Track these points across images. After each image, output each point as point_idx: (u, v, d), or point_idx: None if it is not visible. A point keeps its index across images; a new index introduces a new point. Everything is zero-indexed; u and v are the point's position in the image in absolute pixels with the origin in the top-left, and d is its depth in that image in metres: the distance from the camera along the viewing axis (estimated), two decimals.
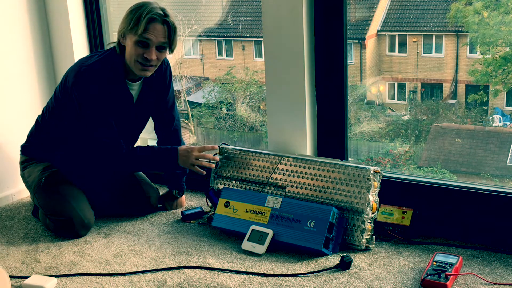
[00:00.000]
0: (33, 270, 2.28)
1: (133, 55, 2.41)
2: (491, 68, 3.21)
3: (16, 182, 3.07)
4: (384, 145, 3.77)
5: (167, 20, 2.40)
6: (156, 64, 2.46)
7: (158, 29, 2.38)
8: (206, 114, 4.59)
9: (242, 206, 2.47)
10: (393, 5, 3.61)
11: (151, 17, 2.36)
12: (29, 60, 3.17)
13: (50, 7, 3.20)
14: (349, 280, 2.09)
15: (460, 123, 3.53)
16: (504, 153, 3.29)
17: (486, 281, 2.03)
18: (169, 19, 2.40)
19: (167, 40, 2.41)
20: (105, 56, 2.50)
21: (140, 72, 2.46)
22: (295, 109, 2.64)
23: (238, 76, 4.42)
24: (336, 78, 2.59)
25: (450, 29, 3.46)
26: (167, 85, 2.68)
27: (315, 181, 2.44)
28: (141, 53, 2.40)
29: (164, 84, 2.66)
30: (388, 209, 2.42)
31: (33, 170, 2.65)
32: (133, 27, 2.37)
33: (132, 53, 2.42)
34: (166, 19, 2.39)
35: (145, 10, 2.37)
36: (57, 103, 2.58)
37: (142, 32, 2.36)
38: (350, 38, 3.53)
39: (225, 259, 2.29)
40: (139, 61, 2.42)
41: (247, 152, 2.64)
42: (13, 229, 2.69)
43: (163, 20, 2.39)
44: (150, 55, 2.40)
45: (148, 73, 2.47)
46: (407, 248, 2.31)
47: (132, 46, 2.40)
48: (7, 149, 3.06)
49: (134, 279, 2.17)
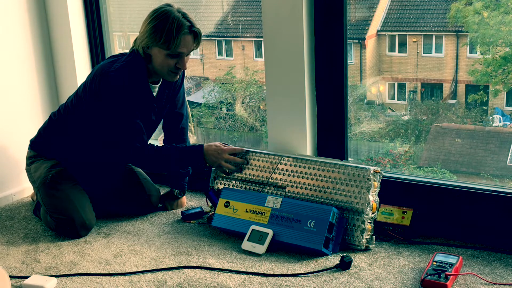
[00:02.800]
0: (33, 270, 2.28)
1: (165, 65, 2.46)
2: (491, 68, 3.21)
3: (17, 182, 3.07)
4: (384, 145, 3.76)
5: (195, 30, 2.43)
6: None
7: (189, 41, 2.44)
8: (206, 114, 4.58)
9: (242, 206, 2.47)
10: (393, 5, 3.60)
11: (184, 32, 2.39)
12: (29, 60, 3.17)
13: (50, 7, 3.20)
14: (349, 280, 2.09)
15: (460, 123, 3.53)
16: (504, 153, 3.28)
17: (486, 281, 2.03)
18: (195, 27, 2.44)
19: (195, 47, 2.48)
20: (130, 61, 2.51)
21: (174, 78, 2.53)
22: (295, 109, 2.64)
23: (238, 76, 4.41)
24: (336, 78, 2.59)
25: (450, 29, 3.46)
26: (179, 84, 2.72)
27: (315, 181, 2.44)
28: (174, 64, 2.45)
29: (177, 83, 2.70)
30: (388, 209, 2.42)
31: (40, 166, 2.66)
32: (164, 43, 2.40)
33: (164, 64, 2.45)
34: (194, 29, 2.43)
35: (173, 24, 2.38)
36: (79, 103, 2.59)
37: (176, 47, 2.40)
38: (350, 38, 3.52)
39: (225, 259, 2.29)
40: (172, 71, 2.48)
41: (247, 152, 2.64)
42: (13, 229, 2.69)
43: (191, 31, 2.43)
44: (184, 66, 2.47)
45: (178, 76, 2.54)
46: (407, 248, 2.31)
47: (164, 58, 2.44)
48: (7, 149, 3.06)
49: (134, 279, 2.17)
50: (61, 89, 3.31)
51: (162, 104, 2.66)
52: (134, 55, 2.52)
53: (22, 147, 2.83)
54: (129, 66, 2.49)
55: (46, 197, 2.60)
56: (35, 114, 3.19)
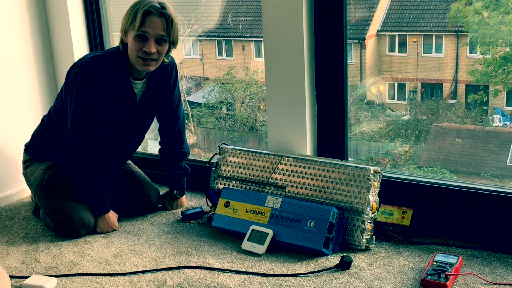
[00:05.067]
0: (33, 270, 2.28)
1: (134, 50, 2.41)
2: (491, 68, 3.21)
3: (16, 182, 3.07)
4: (384, 145, 3.76)
5: (164, 12, 2.39)
6: (157, 58, 2.44)
7: (155, 22, 2.38)
8: (206, 114, 4.58)
9: (242, 206, 2.47)
10: (393, 5, 3.61)
11: (147, 9, 2.36)
12: (29, 60, 3.16)
13: (50, 7, 3.20)
14: (349, 280, 2.09)
15: (460, 123, 3.53)
16: (504, 153, 3.28)
17: (486, 281, 2.03)
18: (166, 11, 2.39)
19: (166, 32, 2.40)
20: (109, 53, 2.51)
21: (143, 67, 2.44)
22: (295, 109, 2.64)
23: (238, 76, 4.41)
24: (336, 78, 2.59)
25: (450, 29, 3.46)
26: (172, 84, 2.66)
27: (315, 181, 2.44)
28: (141, 47, 2.39)
29: (169, 83, 2.65)
30: (388, 209, 2.42)
31: (35, 169, 2.66)
32: (131, 22, 2.38)
33: (132, 49, 2.41)
34: (163, 11, 2.39)
35: (141, 4, 2.38)
36: (61, 102, 2.57)
37: (139, 26, 2.36)
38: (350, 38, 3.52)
39: (225, 259, 2.29)
40: (139, 56, 2.41)
41: (247, 152, 2.64)
42: (13, 229, 2.69)
43: (160, 12, 2.38)
44: (149, 48, 2.39)
45: (150, 67, 2.45)
46: (407, 248, 2.31)
47: (132, 41, 2.40)
48: (7, 149, 3.06)
49: (134, 279, 2.17)
50: None
51: (149, 103, 2.62)
52: (115, 49, 2.52)
53: (22, 147, 2.83)
54: (106, 56, 2.47)
55: (43, 199, 2.60)
56: (35, 114, 3.19)
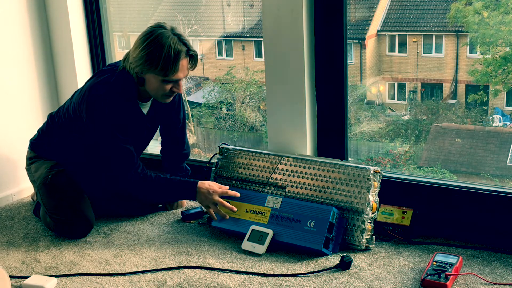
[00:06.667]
0: (33, 270, 2.28)
1: (160, 90, 2.40)
2: (491, 68, 3.21)
3: (16, 182, 3.07)
4: (384, 145, 3.76)
5: (191, 54, 2.36)
6: None
7: (185, 65, 2.37)
8: (206, 114, 4.58)
9: (242, 206, 2.47)
10: (393, 5, 3.61)
11: (181, 56, 2.32)
12: (29, 60, 3.17)
13: (50, 7, 3.20)
14: (349, 280, 2.09)
15: (460, 123, 3.53)
16: (504, 153, 3.28)
17: (486, 281, 2.03)
18: (192, 51, 2.36)
19: (191, 68, 2.41)
20: (117, 78, 2.45)
21: (166, 101, 2.48)
22: (295, 109, 2.64)
23: (238, 76, 4.41)
24: (336, 78, 2.59)
25: (450, 29, 3.46)
26: (176, 106, 2.68)
27: (315, 181, 2.44)
28: (170, 88, 2.40)
29: (173, 104, 2.66)
30: (388, 209, 2.42)
31: (40, 166, 2.66)
32: (161, 71, 2.33)
33: (158, 89, 2.40)
34: (191, 52, 2.36)
35: (170, 51, 2.29)
36: (67, 118, 2.57)
37: (173, 73, 2.34)
38: (350, 38, 3.52)
39: (225, 259, 2.29)
40: (166, 94, 2.43)
41: (247, 152, 2.64)
42: (13, 229, 2.69)
43: (189, 55, 2.36)
44: (180, 90, 2.42)
45: (171, 99, 2.49)
46: (407, 248, 2.31)
47: (159, 84, 2.38)
48: (7, 149, 3.06)
49: (134, 279, 2.17)
50: (61, 89, 3.31)
51: (156, 120, 2.65)
52: (121, 73, 2.44)
53: (22, 147, 2.83)
54: (118, 88, 2.42)
55: (46, 197, 2.60)
56: (35, 114, 3.19)
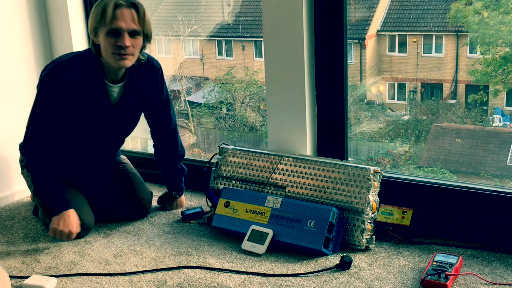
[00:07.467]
0: (33, 270, 2.28)
1: (108, 47, 2.33)
2: (491, 68, 3.21)
3: (16, 182, 3.07)
4: (384, 145, 3.77)
5: (134, 2, 2.33)
6: (133, 53, 2.36)
7: (127, 14, 2.31)
8: (206, 114, 4.59)
9: (242, 206, 2.47)
10: (393, 5, 3.61)
11: (116, 3, 2.30)
12: (29, 60, 3.16)
13: (50, 6, 3.20)
14: (349, 280, 2.09)
15: (460, 123, 3.53)
16: (504, 153, 3.29)
17: (486, 281, 2.03)
18: (135, 1, 2.33)
19: (138, 25, 2.34)
20: (81, 54, 2.42)
21: (118, 62, 2.35)
22: (295, 109, 2.64)
23: (238, 76, 4.42)
24: (336, 78, 2.59)
25: (450, 29, 3.46)
26: (158, 89, 2.59)
27: (315, 181, 2.44)
28: (115, 43, 2.31)
29: (154, 88, 2.58)
30: (388, 209, 2.42)
31: None
32: (101, 19, 2.30)
33: (106, 46, 2.33)
34: (133, 1, 2.32)
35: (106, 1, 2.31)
36: None
37: (111, 21, 2.29)
38: (350, 38, 3.53)
39: (225, 259, 2.29)
40: (114, 52, 2.33)
41: (247, 152, 2.64)
42: (13, 229, 2.69)
43: (129, 3, 2.32)
44: (124, 42, 2.31)
45: (126, 62, 2.36)
46: (407, 248, 2.31)
47: (105, 38, 2.32)
48: (7, 149, 3.05)
49: (134, 279, 2.17)
50: None
51: (127, 107, 2.54)
52: (87, 50, 2.44)
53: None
54: (79, 57, 2.39)
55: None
56: None
